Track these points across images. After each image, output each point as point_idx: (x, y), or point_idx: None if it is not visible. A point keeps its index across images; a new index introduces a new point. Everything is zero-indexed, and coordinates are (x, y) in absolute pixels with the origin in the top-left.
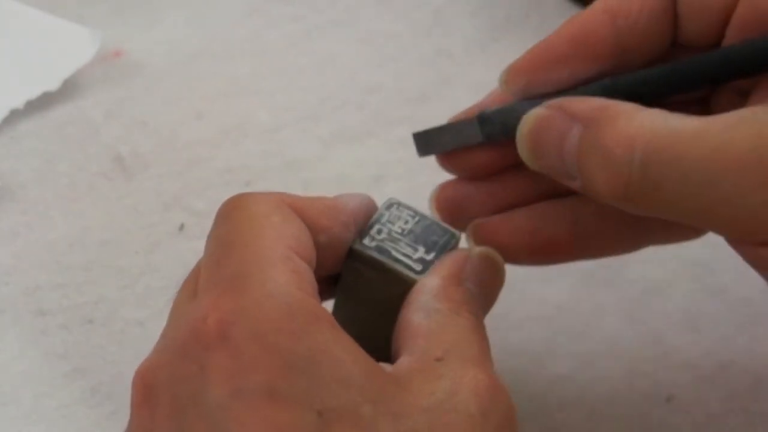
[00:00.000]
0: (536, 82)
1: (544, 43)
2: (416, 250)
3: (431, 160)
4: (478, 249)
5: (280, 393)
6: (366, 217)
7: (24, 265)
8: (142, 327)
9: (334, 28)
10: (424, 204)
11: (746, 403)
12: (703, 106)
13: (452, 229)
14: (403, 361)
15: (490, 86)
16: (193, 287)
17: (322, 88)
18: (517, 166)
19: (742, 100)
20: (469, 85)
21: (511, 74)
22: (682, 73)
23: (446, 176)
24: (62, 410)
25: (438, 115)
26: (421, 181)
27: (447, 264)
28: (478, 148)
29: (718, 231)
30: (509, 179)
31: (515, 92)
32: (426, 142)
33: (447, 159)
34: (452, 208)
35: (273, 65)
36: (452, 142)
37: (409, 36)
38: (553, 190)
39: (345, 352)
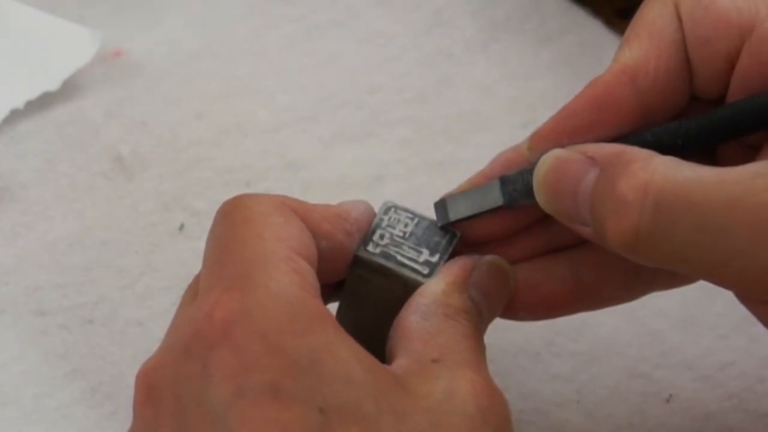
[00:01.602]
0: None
1: (567, 111)
2: (420, 252)
3: (431, 160)
4: (488, 257)
5: (283, 391)
6: (368, 225)
7: (24, 265)
8: (142, 327)
9: (334, 28)
10: (424, 204)
11: (746, 403)
12: (709, 157)
13: (451, 228)
14: (400, 363)
15: (490, 86)
16: (196, 289)
17: (322, 88)
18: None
19: (748, 152)
20: (469, 85)
21: (535, 141)
22: (695, 130)
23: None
24: (62, 410)
25: (438, 115)
26: (421, 182)
27: (454, 269)
28: (493, 216)
29: (727, 286)
30: (512, 238)
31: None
32: (446, 208)
33: (464, 226)
34: None
35: (273, 65)
36: (472, 207)
37: (409, 36)
38: (555, 244)
39: (348, 351)
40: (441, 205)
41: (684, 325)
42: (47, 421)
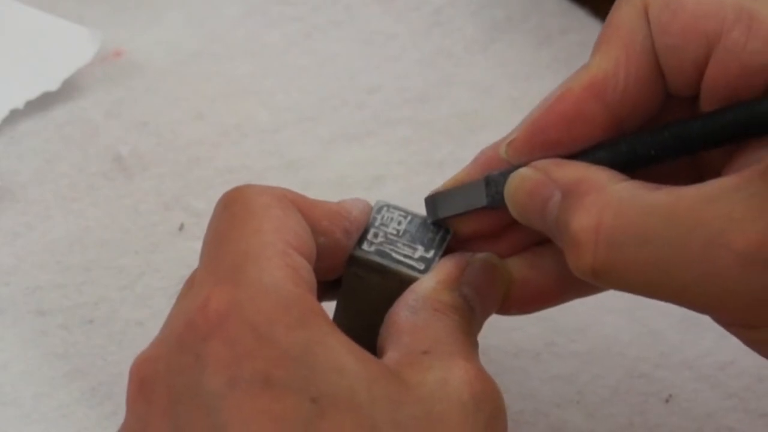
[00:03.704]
0: (536, 159)
1: (538, 125)
2: (415, 249)
3: (431, 160)
4: (481, 255)
5: (276, 382)
6: (365, 224)
7: (24, 265)
8: (142, 327)
9: (334, 28)
10: (422, 204)
11: (746, 403)
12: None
13: (445, 224)
14: (391, 356)
15: (490, 86)
16: (193, 282)
17: (322, 88)
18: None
19: (727, 151)
20: (469, 85)
21: (511, 152)
22: (668, 141)
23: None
24: (62, 410)
25: (438, 115)
26: (421, 181)
27: (446, 267)
28: (481, 213)
29: (693, 310)
30: (500, 233)
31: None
32: (435, 205)
33: (453, 223)
34: None
35: (273, 65)
36: (459, 205)
37: (409, 36)
38: (542, 237)
39: (340, 344)
40: (431, 202)
41: (684, 324)
42: (47, 421)
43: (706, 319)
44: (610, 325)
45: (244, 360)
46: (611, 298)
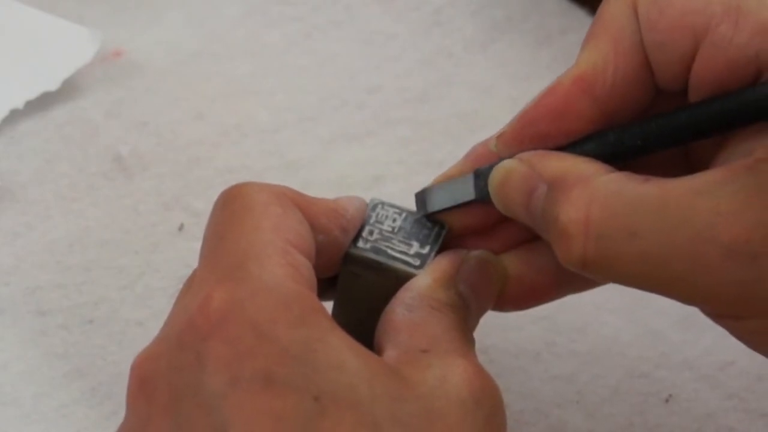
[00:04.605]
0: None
1: (527, 118)
2: (410, 245)
3: (431, 160)
4: (476, 252)
5: (277, 380)
6: (362, 221)
7: (24, 265)
8: (142, 327)
9: (334, 28)
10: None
11: (746, 402)
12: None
13: (440, 219)
14: (389, 354)
15: (490, 86)
16: (193, 281)
17: (322, 88)
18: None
19: (716, 146)
20: (469, 85)
21: (500, 145)
22: (655, 132)
23: None
24: (62, 410)
25: (438, 115)
26: (421, 181)
27: (441, 264)
28: (471, 207)
29: (682, 302)
30: (493, 228)
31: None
32: (425, 200)
33: (444, 218)
34: None
35: (273, 65)
36: (448, 199)
37: (409, 36)
38: (534, 233)
39: (341, 342)
40: (420, 197)
41: (684, 324)
42: (47, 421)
43: (706, 319)
44: (610, 325)
45: (245, 358)
46: (611, 298)
